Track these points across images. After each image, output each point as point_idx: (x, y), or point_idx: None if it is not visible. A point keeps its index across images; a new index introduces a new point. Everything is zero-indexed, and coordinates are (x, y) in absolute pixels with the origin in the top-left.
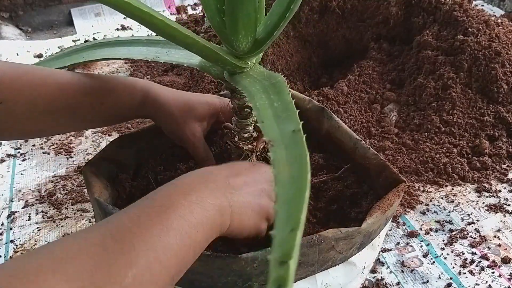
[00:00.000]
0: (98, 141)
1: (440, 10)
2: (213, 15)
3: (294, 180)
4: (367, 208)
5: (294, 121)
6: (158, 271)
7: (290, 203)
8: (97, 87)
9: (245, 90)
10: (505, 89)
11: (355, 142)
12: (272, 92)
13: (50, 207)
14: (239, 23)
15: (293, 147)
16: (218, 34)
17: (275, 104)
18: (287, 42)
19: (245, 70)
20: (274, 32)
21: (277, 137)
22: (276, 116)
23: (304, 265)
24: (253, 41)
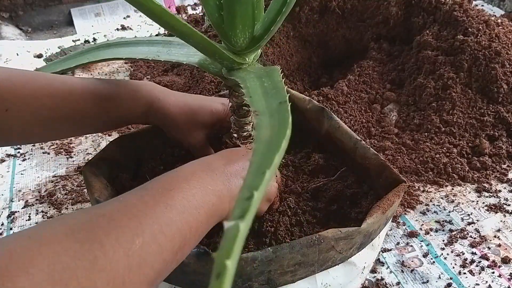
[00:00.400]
0: (98, 141)
1: (440, 10)
2: (212, 11)
3: (273, 137)
4: (367, 208)
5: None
6: (163, 243)
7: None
8: (102, 96)
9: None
10: (505, 89)
11: (355, 142)
12: (264, 76)
13: (50, 207)
14: (237, 18)
15: (278, 115)
16: (217, 30)
17: (265, 84)
18: (287, 42)
19: (243, 66)
20: (271, 28)
21: (263, 108)
22: (265, 93)
23: (304, 265)
24: (251, 37)
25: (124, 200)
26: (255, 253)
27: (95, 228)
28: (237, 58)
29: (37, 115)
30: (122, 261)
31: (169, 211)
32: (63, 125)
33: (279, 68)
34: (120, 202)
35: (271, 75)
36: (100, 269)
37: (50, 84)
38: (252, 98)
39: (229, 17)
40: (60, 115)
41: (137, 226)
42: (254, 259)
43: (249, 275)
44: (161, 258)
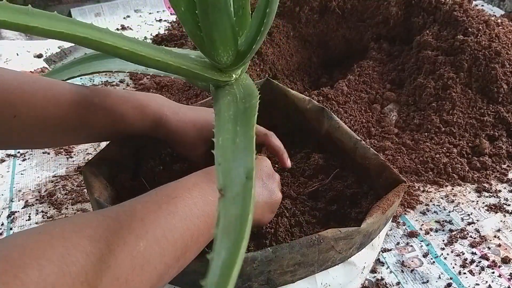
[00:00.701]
0: None
1: (440, 10)
2: (191, 30)
3: (230, 248)
4: (367, 208)
5: (249, 166)
6: (166, 247)
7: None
8: (111, 110)
9: (217, 116)
10: (505, 89)
11: (355, 142)
12: (240, 121)
13: (50, 207)
14: (216, 40)
15: (240, 201)
16: (199, 49)
17: (237, 139)
18: (287, 42)
19: (230, 82)
20: (253, 46)
21: (229, 185)
22: (234, 157)
23: (304, 265)
24: (235, 54)
25: (130, 205)
26: (255, 253)
27: (102, 228)
28: (222, 76)
29: (44, 124)
30: (127, 261)
31: (172, 217)
32: (69, 134)
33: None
34: (126, 207)
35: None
36: (106, 266)
37: (61, 94)
38: (220, 166)
39: (208, 39)
40: (67, 126)
41: (141, 229)
42: (254, 259)
43: (249, 275)
44: (163, 261)
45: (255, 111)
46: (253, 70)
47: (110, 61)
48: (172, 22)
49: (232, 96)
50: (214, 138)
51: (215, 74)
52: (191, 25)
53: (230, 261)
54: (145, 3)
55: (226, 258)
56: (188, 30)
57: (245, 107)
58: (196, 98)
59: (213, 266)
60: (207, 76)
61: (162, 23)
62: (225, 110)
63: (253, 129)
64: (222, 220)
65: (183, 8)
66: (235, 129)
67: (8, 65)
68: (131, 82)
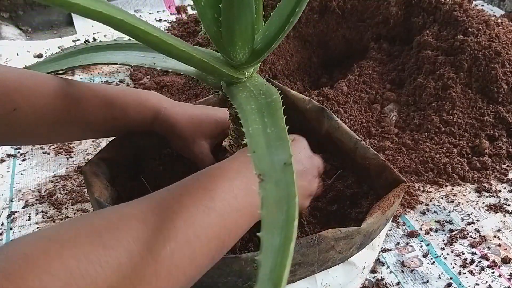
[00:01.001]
0: (98, 141)
1: (440, 10)
2: (210, 25)
3: (282, 226)
4: (367, 208)
5: (286, 153)
6: (198, 249)
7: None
8: (111, 102)
9: (240, 109)
10: (505, 89)
11: (355, 142)
12: (266, 113)
13: (50, 207)
14: (236, 35)
15: (284, 184)
16: (215, 44)
17: (268, 130)
18: (287, 42)
19: (242, 80)
20: (273, 44)
21: (268, 171)
22: (268, 145)
23: (304, 265)
24: (250, 52)
25: (160, 198)
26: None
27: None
28: (236, 73)
29: (44, 117)
30: (149, 267)
31: (207, 214)
32: (69, 128)
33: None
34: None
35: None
36: (124, 276)
37: (60, 87)
38: (255, 154)
39: (227, 34)
40: (68, 118)
41: (170, 230)
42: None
43: (249, 275)
44: (194, 265)
45: (280, 105)
46: None
47: (114, 53)
48: (172, 22)
49: (248, 92)
50: (243, 128)
51: (230, 70)
52: (209, 20)
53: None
54: (145, 3)
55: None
56: (206, 25)
57: (267, 102)
58: (196, 98)
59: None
60: (223, 71)
61: (162, 23)
62: (246, 103)
63: (283, 121)
64: (266, 202)
65: (203, 3)
66: (263, 120)
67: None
68: (131, 82)
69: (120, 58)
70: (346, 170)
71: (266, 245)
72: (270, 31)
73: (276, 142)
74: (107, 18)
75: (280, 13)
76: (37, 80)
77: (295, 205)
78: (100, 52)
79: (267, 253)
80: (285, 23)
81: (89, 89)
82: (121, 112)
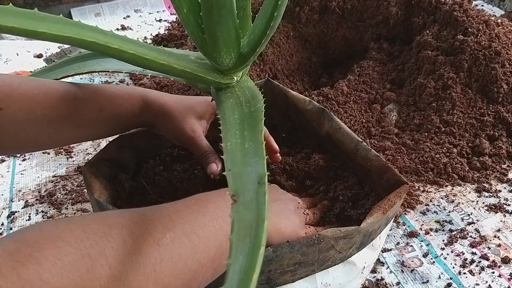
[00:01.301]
0: (98, 141)
1: (440, 10)
2: (194, 32)
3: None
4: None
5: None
6: (197, 243)
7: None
8: (95, 94)
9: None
10: (505, 89)
11: (357, 143)
12: (247, 125)
13: (50, 207)
14: (219, 41)
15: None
16: (201, 51)
17: (246, 145)
18: (287, 42)
19: (231, 85)
20: (257, 49)
21: (242, 190)
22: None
23: (304, 265)
24: (237, 56)
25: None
26: None
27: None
28: (224, 78)
29: (32, 115)
30: (153, 250)
31: (202, 216)
32: (60, 127)
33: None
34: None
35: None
36: (129, 252)
37: (44, 86)
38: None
39: (211, 40)
40: (56, 116)
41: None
42: None
43: None
44: (196, 259)
45: (262, 116)
46: (253, 70)
47: (106, 61)
48: (172, 22)
49: (235, 99)
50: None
51: (217, 76)
52: (193, 27)
53: (249, 266)
54: (145, 3)
55: (244, 263)
56: (190, 32)
57: (250, 111)
58: None
59: (231, 272)
60: (209, 78)
61: (162, 23)
62: (230, 114)
63: (262, 135)
64: (236, 225)
65: (186, 10)
66: (242, 134)
67: (8, 65)
68: (131, 82)
69: (112, 65)
70: (347, 171)
71: (230, 274)
72: (255, 35)
73: (252, 159)
74: (78, 41)
75: (262, 16)
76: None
77: (263, 230)
78: (93, 60)
79: (231, 280)
80: (266, 27)
81: (71, 86)
82: (108, 101)
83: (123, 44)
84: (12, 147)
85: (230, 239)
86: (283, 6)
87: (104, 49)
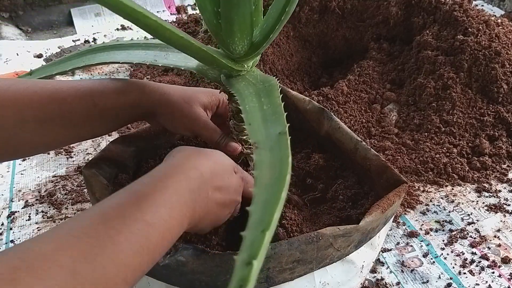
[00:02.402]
0: (98, 141)
1: (440, 10)
2: (210, 18)
3: (273, 182)
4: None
5: (281, 124)
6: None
7: (265, 205)
8: (88, 90)
9: (238, 93)
10: (505, 89)
11: (356, 143)
12: (263, 94)
13: (50, 207)
14: (235, 26)
15: (277, 150)
16: (215, 37)
17: (264, 107)
18: (287, 42)
19: (242, 73)
20: (270, 35)
21: (263, 140)
22: (264, 120)
23: (303, 262)
24: (249, 44)
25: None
26: None
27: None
28: (236, 65)
29: (22, 117)
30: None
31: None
32: (53, 127)
33: (277, 84)
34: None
35: (270, 94)
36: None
37: (33, 86)
38: (251, 126)
39: (227, 25)
40: (48, 116)
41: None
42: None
43: None
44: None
45: (277, 87)
46: None
47: (116, 53)
48: (172, 22)
49: (246, 82)
50: (240, 106)
51: (230, 62)
52: (209, 13)
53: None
54: (145, 3)
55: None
56: (206, 18)
57: (264, 86)
58: None
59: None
60: (222, 62)
61: None
62: (244, 89)
63: (279, 99)
64: (259, 165)
65: None
66: (259, 100)
67: (8, 65)
68: None
69: (122, 57)
70: (347, 170)
71: (256, 200)
72: (268, 24)
73: (271, 117)
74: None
75: (277, 5)
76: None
77: (288, 164)
78: (103, 53)
79: (257, 206)
80: (281, 13)
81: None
82: (102, 96)
83: (148, 13)
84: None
85: (254, 174)
86: None
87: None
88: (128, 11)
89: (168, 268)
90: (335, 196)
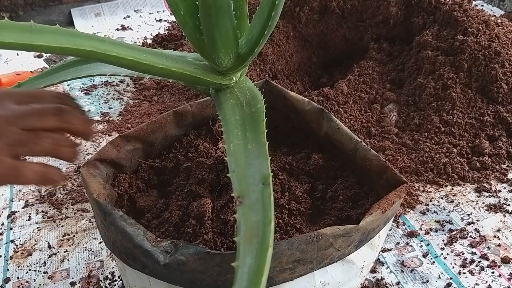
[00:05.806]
0: (98, 141)
1: (440, 10)
2: (191, 34)
3: (255, 258)
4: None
5: (265, 170)
6: None
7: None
8: None
9: (224, 121)
10: (505, 89)
11: (356, 143)
12: (249, 126)
13: (50, 207)
14: (218, 42)
15: (260, 209)
16: (199, 52)
17: (249, 146)
18: (287, 42)
19: (231, 85)
20: (256, 49)
21: (247, 193)
22: (247, 164)
23: (303, 262)
24: (236, 57)
25: None
26: None
27: None
28: (222, 79)
29: None
30: None
31: None
32: None
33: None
34: None
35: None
36: None
37: None
38: (235, 173)
39: (209, 42)
40: None
41: None
42: None
43: None
44: None
45: (263, 116)
46: (253, 70)
47: (104, 65)
48: (172, 22)
49: (235, 100)
50: (225, 144)
51: (216, 77)
52: (191, 29)
53: (258, 268)
54: (145, 3)
55: (252, 265)
56: (187, 34)
57: (251, 112)
58: (196, 98)
59: (239, 274)
60: (208, 80)
61: (162, 23)
62: (231, 115)
63: (264, 135)
64: (243, 227)
65: (183, 12)
66: (245, 135)
67: (8, 65)
68: (131, 82)
69: (109, 69)
70: (347, 171)
71: (239, 275)
72: (253, 35)
73: (256, 160)
74: (75, 51)
75: (260, 16)
76: None
77: (270, 231)
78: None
79: (241, 282)
80: (264, 27)
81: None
82: None
83: (121, 51)
84: None
85: (237, 241)
86: (280, 6)
87: (103, 57)
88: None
89: (168, 268)
90: (335, 196)
